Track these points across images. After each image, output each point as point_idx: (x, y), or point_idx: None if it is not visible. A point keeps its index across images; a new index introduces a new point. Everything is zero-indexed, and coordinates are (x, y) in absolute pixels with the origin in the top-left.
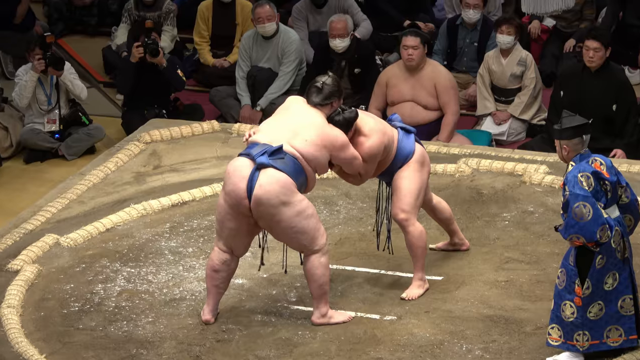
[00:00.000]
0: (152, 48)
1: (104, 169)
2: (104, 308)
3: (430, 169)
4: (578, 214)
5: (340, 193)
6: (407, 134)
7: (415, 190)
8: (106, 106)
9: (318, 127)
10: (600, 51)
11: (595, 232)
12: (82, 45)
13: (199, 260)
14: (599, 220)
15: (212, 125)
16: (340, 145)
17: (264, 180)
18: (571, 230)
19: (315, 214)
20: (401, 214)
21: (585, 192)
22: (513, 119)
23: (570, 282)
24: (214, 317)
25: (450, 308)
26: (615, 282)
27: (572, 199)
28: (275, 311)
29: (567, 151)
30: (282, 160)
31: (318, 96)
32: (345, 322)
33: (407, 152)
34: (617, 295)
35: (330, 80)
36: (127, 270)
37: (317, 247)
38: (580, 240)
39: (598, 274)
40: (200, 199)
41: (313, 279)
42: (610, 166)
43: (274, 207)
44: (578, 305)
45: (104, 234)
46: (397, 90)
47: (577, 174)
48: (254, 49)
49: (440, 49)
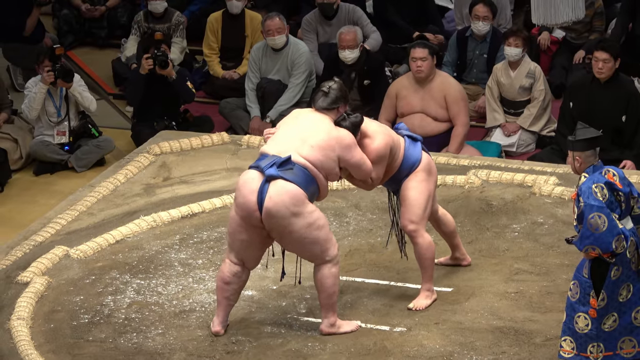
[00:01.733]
0: (161, 60)
1: (113, 180)
2: (113, 320)
3: (437, 179)
4: (593, 225)
5: (350, 204)
6: (413, 142)
7: (423, 200)
8: (116, 118)
9: (324, 130)
10: (609, 62)
11: (611, 242)
12: (91, 57)
13: (208, 272)
14: (614, 230)
15: (221, 137)
16: (347, 144)
17: (274, 192)
18: (587, 242)
19: (327, 225)
20: (410, 225)
21: (600, 202)
22: (522, 131)
23: (585, 294)
24: (224, 328)
25: (460, 319)
26: (629, 294)
27: (587, 210)
28: (285, 323)
29: (580, 162)
30: (291, 170)
31: (325, 101)
32: (353, 332)
33: (414, 160)
34: (630, 307)
35: (336, 85)
36: (136, 282)
37: (329, 257)
38: (596, 252)
39: (613, 286)
40: (209, 211)
41: (323, 288)
42: (623, 177)
43: (285, 219)
44: (593, 317)
45: (113, 246)
46: (406, 102)
47: (591, 185)
48: (263, 60)
49: (449, 60)
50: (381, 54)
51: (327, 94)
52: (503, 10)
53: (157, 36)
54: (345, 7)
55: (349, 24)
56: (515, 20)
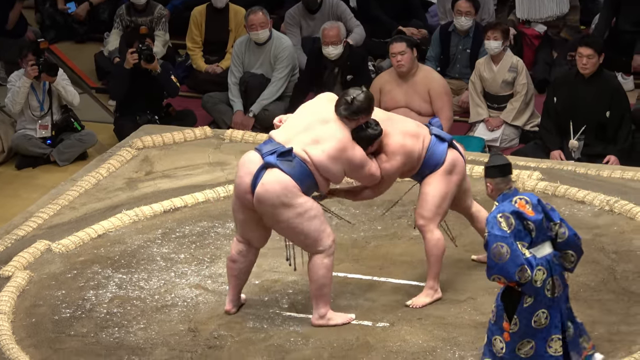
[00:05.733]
0: (147, 54)
1: (95, 175)
2: (95, 314)
3: (463, 177)
4: (497, 255)
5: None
6: (440, 141)
7: (438, 196)
8: (98, 112)
9: (339, 141)
10: (593, 58)
11: (514, 272)
12: (74, 51)
13: (190, 267)
14: (517, 260)
15: (204, 131)
16: (356, 166)
17: (267, 180)
18: (492, 271)
19: (320, 215)
20: (420, 220)
21: (504, 232)
22: (506, 125)
23: (499, 317)
24: (236, 307)
25: (442, 314)
26: (547, 321)
27: (491, 240)
28: (268, 318)
29: (491, 189)
30: (290, 163)
31: (346, 110)
32: (345, 324)
33: (436, 161)
34: (546, 335)
35: (363, 97)
36: (118, 276)
37: (322, 248)
38: (502, 281)
39: (526, 312)
40: (192, 205)
41: (314, 279)
42: (536, 204)
43: (274, 207)
44: (507, 340)
45: (95, 240)
46: (390, 97)
47: (496, 214)
48: (246, 54)
49: (433, 55)
50: (364, 48)
51: (350, 105)
52: (486, 5)
53: (142, 30)
54: (329, 1)
55: (332, 18)
56: (499, 15)
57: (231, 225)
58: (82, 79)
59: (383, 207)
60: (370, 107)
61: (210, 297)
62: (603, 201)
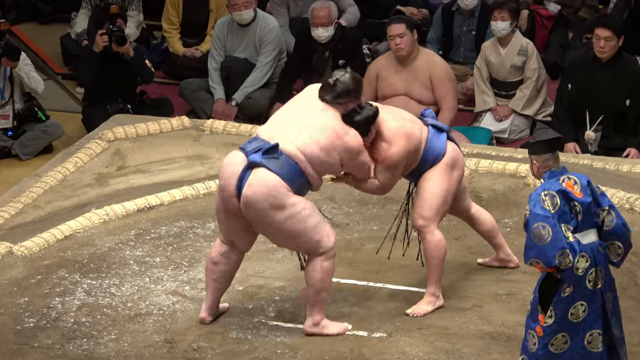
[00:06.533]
0: (118, 36)
1: (62, 170)
2: (61, 324)
3: (464, 174)
4: (537, 236)
5: (325, 197)
6: (438, 132)
7: (439, 194)
8: (65, 100)
9: (330, 129)
10: (612, 40)
11: (554, 256)
12: (38, 33)
13: (167, 271)
14: (558, 243)
15: (182, 122)
16: (353, 149)
17: (253, 181)
18: (530, 253)
19: (315, 215)
20: (419, 220)
21: (547, 212)
22: (515, 115)
23: (534, 309)
24: (212, 316)
25: (445, 324)
26: (584, 314)
27: (532, 219)
28: (252, 327)
29: (538, 167)
30: (276, 160)
31: (330, 94)
32: (341, 334)
33: (437, 153)
34: (585, 328)
35: (347, 78)
36: (87, 282)
37: (321, 250)
38: (540, 265)
39: (563, 303)
40: (169, 204)
41: (311, 283)
42: (586, 186)
43: (263, 210)
44: (539, 335)
45: (62, 242)
46: (388, 84)
47: (540, 192)
48: (228, 37)
49: (434, 37)
50: (359, 30)
51: (333, 87)
52: None
53: (112, 9)
54: None
55: None
56: None
57: (212, 226)
58: (47, 64)
59: (379, 205)
60: (358, 89)
61: (189, 304)
62: (622, 198)
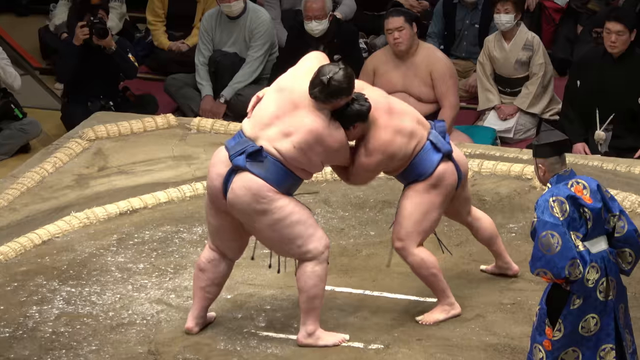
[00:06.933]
0: (99, 28)
1: (40, 170)
2: (39, 334)
3: (450, 191)
4: (545, 245)
5: (319, 200)
6: (434, 150)
7: (417, 213)
8: (43, 97)
9: (309, 132)
10: (623, 34)
11: (563, 267)
12: (14, 25)
13: (151, 279)
14: (568, 253)
15: (167, 120)
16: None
17: (236, 186)
18: (538, 264)
19: (305, 218)
20: (397, 242)
21: (556, 219)
22: (521, 113)
23: (541, 322)
24: (199, 326)
25: (446, 335)
26: (596, 327)
27: (540, 227)
28: (241, 338)
29: (544, 171)
30: (261, 163)
31: (322, 92)
32: (336, 346)
33: (422, 171)
34: (596, 343)
35: (341, 75)
36: (66, 289)
37: (311, 255)
38: (548, 276)
39: (573, 316)
40: (153, 207)
41: (303, 289)
42: (596, 190)
43: (249, 215)
44: (547, 349)
45: (39, 247)
46: (386, 80)
47: (548, 198)
48: (217, 30)
49: (435, 31)
50: (354, 23)
51: (327, 86)
52: None
53: (93, 0)
54: None
55: None
56: None
57: (199, 230)
58: (24, 58)
59: (376, 209)
60: (350, 87)
61: (174, 313)
62: (635, 202)
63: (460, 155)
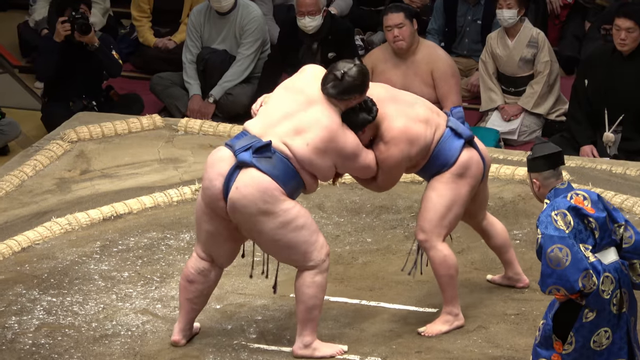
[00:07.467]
0: (81, 24)
1: (19, 174)
2: (18, 346)
3: (477, 183)
4: (554, 260)
5: (313, 205)
6: (456, 136)
7: (442, 206)
8: (22, 96)
9: (324, 128)
10: (634, 32)
11: (577, 280)
12: None
13: (136, 288)
14: (580, 265)
15: (153, 121)
16: (348, 156)
17: (242, 183)
18: (549, 281)
19: (309, 224)
20: (420, 234)
21: (561, 232)
22: (525, 114)
23: (546, 337)
24: (186, 338)
25: (447, 347)
26: (608, 342)
27: (546, 242)
28: (231, 350)
29: (538, 186)
30: (269, 159)
31: (335, 88)
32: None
33: (445, 160)
34: (608, 358)
35: (355, 72)
36: (47, 299)
37: (312, 263)
38: (561, 292)
39: (586, 330)
40: (138, 212)
41: (301, 299)
42: (597, 201)
43: (253, 216)
44: None
45: (18, 255)
46: (385, 79)
47: (550, 212)
48: (205, 26)
49: (436, 28)
50: (350, 19)
51: (340, 81)
52: None
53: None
54: None
55: None
56: None
57: (186, 237)
58: (3, 56)
59: (373, 214)
60: (364, 85)
61: (160, 324)
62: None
63: (481, 144)
